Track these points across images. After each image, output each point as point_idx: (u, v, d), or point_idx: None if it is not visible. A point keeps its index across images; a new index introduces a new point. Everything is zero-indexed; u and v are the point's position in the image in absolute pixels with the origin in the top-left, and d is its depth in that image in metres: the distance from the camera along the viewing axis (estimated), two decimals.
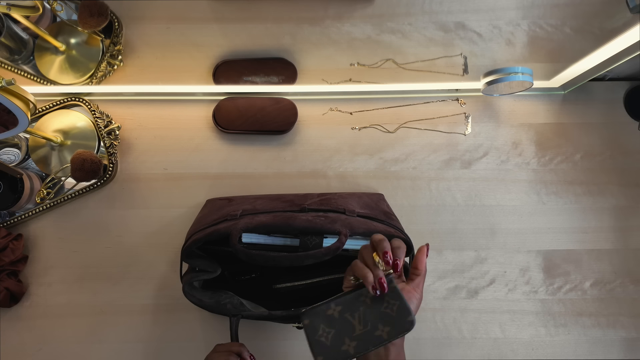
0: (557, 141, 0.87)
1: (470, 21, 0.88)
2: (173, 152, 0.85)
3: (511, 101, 0.87)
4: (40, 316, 0.81)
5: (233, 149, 0.85)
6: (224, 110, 0.83)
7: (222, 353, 0.62)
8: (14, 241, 0.80)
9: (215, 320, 0.81)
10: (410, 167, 0.85)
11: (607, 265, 0.84)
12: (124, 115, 0.85)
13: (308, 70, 0.86)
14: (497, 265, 0.84)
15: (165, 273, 0.82)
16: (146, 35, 0.86)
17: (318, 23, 0.87)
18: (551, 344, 0.82)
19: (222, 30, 0.87)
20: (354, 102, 0.86)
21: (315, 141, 0.86)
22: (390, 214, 0.74)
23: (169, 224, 0.83)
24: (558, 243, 0.84)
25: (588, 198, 0.86)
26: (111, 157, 0.82)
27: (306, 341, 0.53)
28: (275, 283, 0.74)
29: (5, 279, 0.78)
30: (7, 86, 0.60)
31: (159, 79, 0.85)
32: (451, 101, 0.86)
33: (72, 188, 0.83)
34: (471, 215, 0.85)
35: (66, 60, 0.85)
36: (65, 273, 0.82)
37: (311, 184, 0.85)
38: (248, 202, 0.74)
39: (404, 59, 0.87)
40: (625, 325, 0.83)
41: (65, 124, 0.84)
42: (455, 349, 0.82)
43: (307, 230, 0.63)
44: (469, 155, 0.86)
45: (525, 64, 0.87)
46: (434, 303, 0.82)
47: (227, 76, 0.84)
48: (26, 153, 0.84)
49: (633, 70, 0.86)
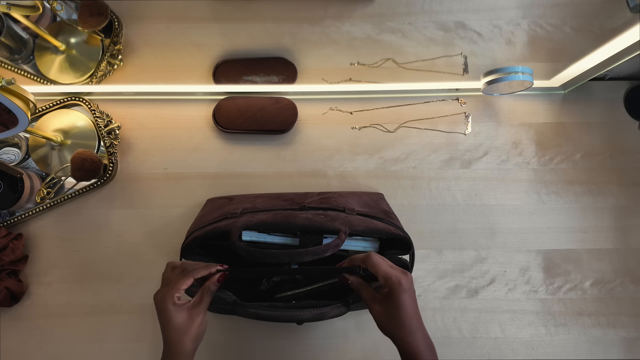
0: (557, 141, 0.87)
1: (470, 21, 0.88)
2: (173, 152, 0.85)
3: (511, 101, 0.87)
4: (41, 316, 0.81)
5: (233, 148, 0.85)
6: (224, 110, 0.83)
7: (167, 268, 0.59)
8: (14, 241, 0.80)
9: (215, 320, 0.81)
10: (411, 166, 0.85)
11: (607, 265, 0.84)
12: (124, 114, 0.85)
13: (308, 69, 0.86)
14: (497, 264, 0.84)
15: None
16: (146, 34, 0.86)
17: (318, 22, 0.87)
18: (551, 344, 0.82)
19: (222, 30, 0.87)
20: (354, 101, 0.86)
21: (315, 141, 0.86)
22: (390, 213, 0.74)
23: (169, 223, 0.83)
24: (558, 242, 0.84)
25: (588, 197, 0.86)
26: (111, 157, 0.82)
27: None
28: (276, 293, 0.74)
29: (5, 279, 0.78)
30: (7, 86, 0.60)
31: (159, 79, 0.85)
32: (451, 101, 0.86)
33: (72, 188, 0.83)
34: (471, 214, 0.85)
35: (66, 59, 0.85)
36: (66, 272, 0.82)
37: (311, 184, 0.85)
38: (248, 200, 0.74)
39: (404, 58, 0.87)
40: (625, 324, 0.83)
41: (65, 124, 0.84)
42: (455, 348, 0.82)
43: (307, 228, 0.63)
44: (469, 154, 0.86)
45: (525, 63, 0.87)
46: (434, 303, 0.82)
47: (227, 76, 0.84)
48: (26, 152, 0.84)
49: (633, 70, 0.86)
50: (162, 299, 0.55)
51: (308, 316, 0.60)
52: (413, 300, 0.54)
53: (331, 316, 0.61)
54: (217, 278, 0.57)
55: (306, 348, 0.81)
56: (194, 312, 0.55)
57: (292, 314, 0.61)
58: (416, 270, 0.81)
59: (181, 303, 0.56)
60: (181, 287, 0.56)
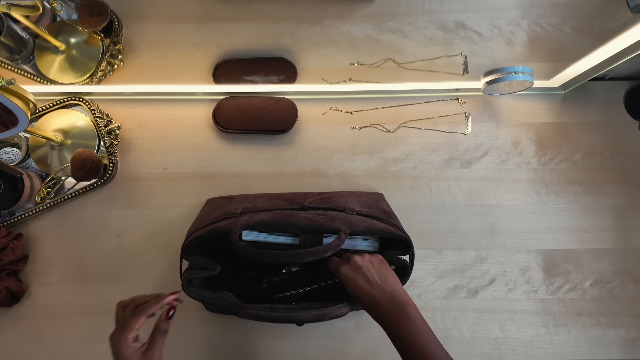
0: (557, 141, 0.87)
1: (470, 20, 0.88)
2: (173, 152, 0.85)
3: (511, 101, 0.87)
4: (41, 316, 0.81)
5: (233, 148, 0.85)
6: (224, 110, 0.83)
7: (119, 307, 0.59)
8: (14, 241, 0.80)
9: (215, 320, 0.81)
10: (411, 166, 0.85)
11: (607, 265, 0.84)
12: (124, 114, 0.85)
13: (308, 69, 0.86)
14: (497, 264, 0.84)
15: (165, 272, 0.82)
16: (146, 34, 0.86)
17: (318, 22, 0.87)
18: (551, 344, 0.82)
19: (222, 30, 0.87)
20: (354, 101, 0.86)
21: (316, 141, 0.86)
22: (390, 213, 0.74)
23: (169, 223, 0.83)
24: (558, 242, 0.84)
25: (588, 197, 0.86)
26: (111, 157, 0.82)
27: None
28: (276, 293, 0.74)
29: (5, 279, 0.78)
30: (7, 86, 0.60)
31: (159, 79, 0.85)
32: (451, 101, 0.86)
33: (72, 187, 0.83)
34: (471, 214, 0.85)
35: (66, 59, 0.85)
36: (66, 272, 0.82)
37: (311, 184, 0.85)
38: (248, 200, 0.74)
39: (404, 58, 0.87)
40: (625, 324, 0.83)
41: (65, 124, 0.84)
42: (455, 348, 0.82)
43: (307, 227, 0.63)
44: (469, 154, 0.86)
45: (525, 63, 0.87)
46: (433, 302, 0.82)
47: (227, 76, 0.84)
48: (26, 152, 0.84)
49: (633, 70, 0.86)
50: (116, 343, 0.55)
51: (308, 317, 0.60)
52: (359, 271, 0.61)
53: (332, 317, 0.61)
54: (165, 315, 0.57)
55: (306, 348, 0.81)
56: (147, 356, 0.55)
57: (293, 315, 0.61)
58: (416, 270, 0.81)
59: (135, 346, 0.56)
60: (134, 327, 0.56)
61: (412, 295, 0.81)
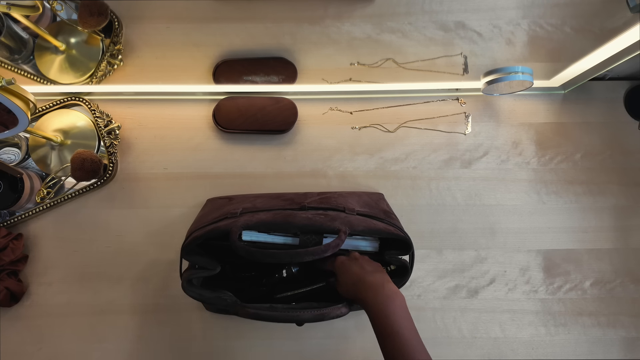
0: (557, 140, 0.87)
1: (470, 20, 0.88)
2: (173, 152, 0.85)
3: (511, 101, 0.87)
4: (41, 316, 0.81)
5: (233, 148, 0.85)
6: (224, 110, 0.83)
7: None
8: (14, 241, 0.80)
9: (215, 320, 0.81)
10: (411, 166, 0.85)
11: (607, 265, 0.84)
12: (124, 114, 0.85)
13: (308, 69, 0.86)
14: (497, 264, 0.84)
15: (165, 273, 0.82)
16: (146, 34, 0.86)
17: (318, 22, 0.87)
18: (551, 344, 0.82)
19: (222, 30, 0.87)
20: (354, 101, 0.86)
21: (316, 141, 0.86)
22: (390, 213, 0.74)
23: (169, 223, 0.83)
24: (558, 242, 0.84)
25: (588, 197, 0.86)
26: (111, 157, 0.82)
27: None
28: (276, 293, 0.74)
29: (5, 279, 0.78)
30: (7, 86, 0.60)
31: (159, 79, 0.85)
32: (451, 101, 0.86)
33: (72, 188, 0.83)
34: (471, 214, 0.85)
35: (66, 59, 0.85)
36: (66, 273, 0.82)
37: (311, 184, 0.85)
38: (248, 200, 0.74)
39: (404, 58, 0.87)
40: (625, 324, 0.83)
41: (65, 124, 0.84)
42: (455, 348, 0.82)
43: (307, 227, 0.63)
44: (469, 154, 0.86)
45: (525, 63, 0.87)
46: (433, 302, 0.82)
47: (227, 76, 0.84)
48: (26, 152, 0.84)
49: (633, 70, 0.86)
50: None
51: (308, 317, 0.60)
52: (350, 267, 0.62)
53: (332, 317, 0.61)
54: None
55: (306, 348, 0.81)
56: None
57: (293, 315, 0.61)
58: (416, 270, 0.81)
59: None
60: None
61: (412, 296, 0.82)
